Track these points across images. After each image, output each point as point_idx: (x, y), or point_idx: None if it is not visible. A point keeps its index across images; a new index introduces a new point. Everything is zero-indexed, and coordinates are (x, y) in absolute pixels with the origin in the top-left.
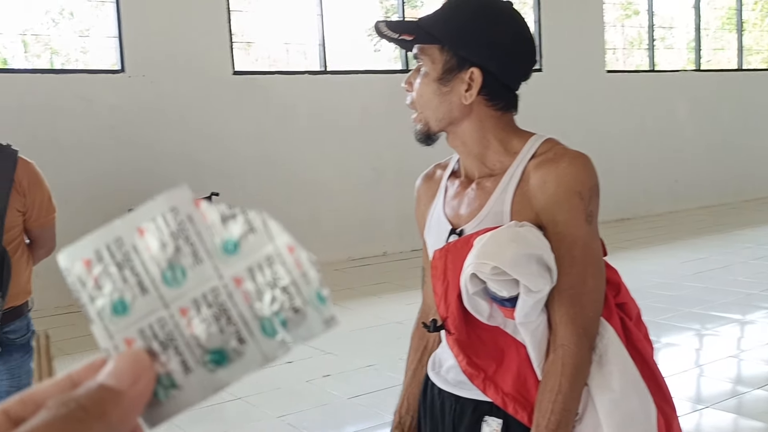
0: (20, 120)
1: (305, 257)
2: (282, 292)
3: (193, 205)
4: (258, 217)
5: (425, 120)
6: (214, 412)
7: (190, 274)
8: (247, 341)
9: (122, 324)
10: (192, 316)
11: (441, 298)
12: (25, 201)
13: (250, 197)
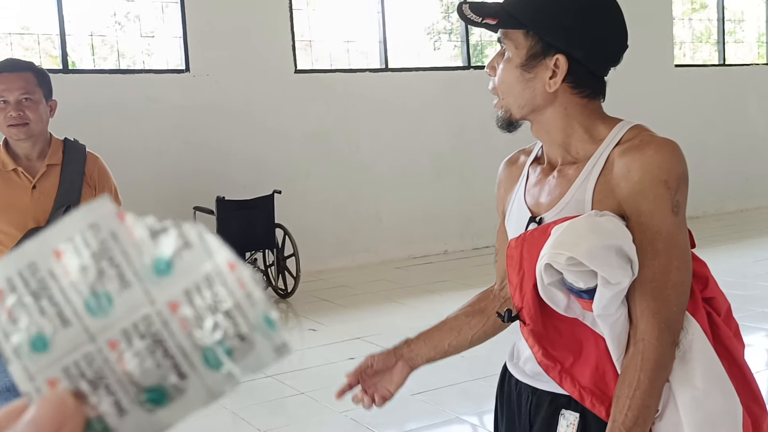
0: (88, 119)
1: (248, 275)
2: (225, 317)
3: (116, 219)
4: (193, 230)
5: (507, 107)
6: (277, 406)
7: (117, 301)
8: (189, 376)
9: (43, 362)
10: (123, 349)
11: (516, 288)
12: (95, 193)
13: (313, 196)
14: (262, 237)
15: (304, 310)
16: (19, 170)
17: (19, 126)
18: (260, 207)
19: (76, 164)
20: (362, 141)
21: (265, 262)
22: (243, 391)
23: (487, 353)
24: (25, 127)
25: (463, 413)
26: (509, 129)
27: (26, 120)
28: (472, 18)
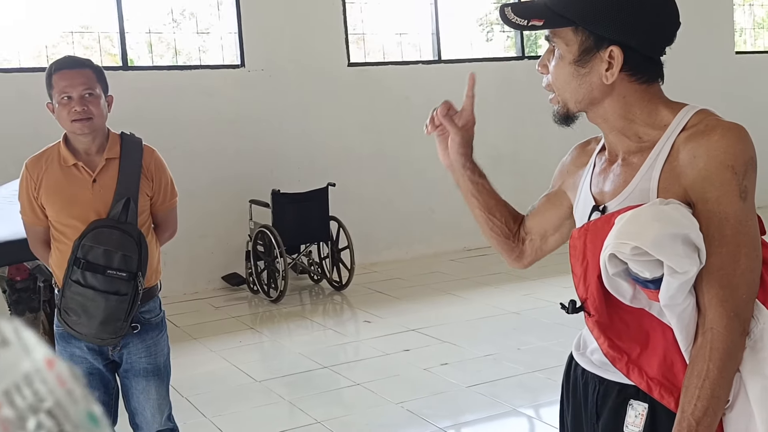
0: (146, 115)
1: (67, 371)
2: (48, 416)
3: None
4: (9, 327)
5: (564, 102)
6: (334, 397)
7: None
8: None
9: None
10: None
11: (580, 279)
12: (152, 185)
13: (367, 188)
14: (316, 229)
15: (359, 302)
16: (79, 165)
17: (83, 121)
18: (315, 200)
19: (133, 157)
20: (415, 132)
21: (319, 254)
22: (299, 382)
23: (546, 346)
24: (89, 122)
25: (520, 405)
26: (566, 123)
27: (90, 115)
28: (517, 21)
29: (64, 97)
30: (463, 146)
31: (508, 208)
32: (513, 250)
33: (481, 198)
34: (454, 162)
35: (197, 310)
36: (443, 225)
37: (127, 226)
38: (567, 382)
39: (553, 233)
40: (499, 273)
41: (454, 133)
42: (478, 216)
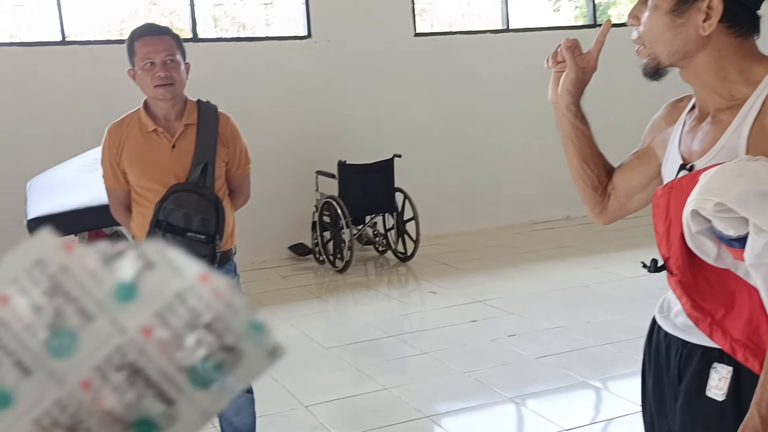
0: (214, 87)
1: (224, 284)
2: (206, 331)
3: (63, 251)
4: (152, 250)
5: (655, 54)
6: (401, 365)
7: (82, 338)
8: (177, 400)
9: (9, 419)
10: (98, 387)
11: (663, 237)
12: (228, 151)
13: (432, 159)
14: (382, 201)
15: (424, 274)
16: (159, 130)
17: (165, 86)
18: (381, 171)
19: (210, 124)
20: (482, 104)
21: (384, 225)
22: (366, 350)
23: (617, 319)
24: (171, 87)
25: (590, 378)
26: (655, 77)
27: (172, 80)
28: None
29: (147, 63)
30: (574, 86)
31: (603, 160)
32: (598, 204)
33: (578, 144)
34: (561, 100)
35: (265, 279)
36: (510, 198)
37: (205, 191)
38: (649, 345)
39: (639, 191)
40: (567, 246)
41: (570, 69)
42: (571, 162)
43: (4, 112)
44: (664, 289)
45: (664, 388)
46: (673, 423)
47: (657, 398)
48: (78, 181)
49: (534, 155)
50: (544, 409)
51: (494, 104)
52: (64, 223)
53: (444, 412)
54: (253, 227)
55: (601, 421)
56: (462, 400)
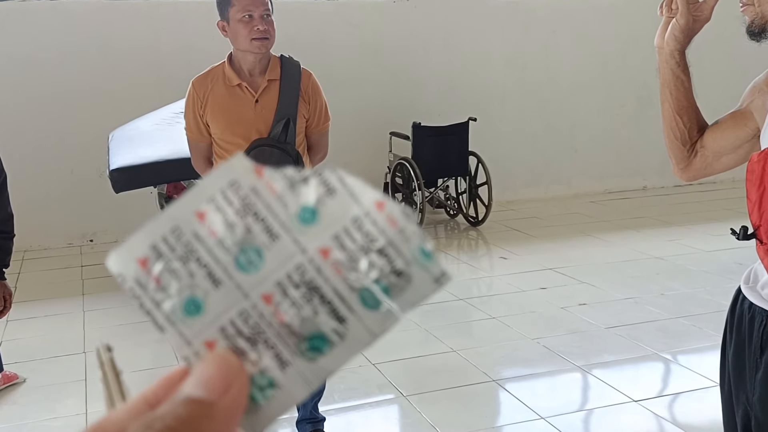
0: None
1: (398, 211)
2: (379, 255)
3: (254, 174)
4: (333, 176)
5: (762, 14)
6: (469, 328)
7: (267, 255)
8: (348, 319)
9: (198, 325)
10: (278, 301)
11: (755, 205)
12: (309, 107)
13: (508, 124)
14: (455, 164)
15: (495, 239)
16: (243, 85)
17: (263, 40)
18: (455, 134)
19: (292, 80)
20: (561, 69)
21: (456, 189)
22: (434, 311)
23: (692, 293)
24: (266, 41)
25: (661, 350)
26: (759, 38)
27: (268, 35)
28: None
29: (245, 15)
30: (683, 33)
31: (698, 115)
32: (684, 159)
33: (675, 94)
34: (666, 46)
35: None
36: (585, 165)
37: (287, 146)
38: (732, 315)
39: (728, 153)
40: (642, 217)
41: (682, 14)
42: (665, 112)
43: (87, 66)
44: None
45: (745, 360)
46: (752, 395)
47: (737, 369)
48: (158, 134)
49: (612, 122)
50: (613, 379)
51: (573, 69)
52: (144, 175)
53: (510, 377)
54: None
55: (670, 395)
56: (529, 367)
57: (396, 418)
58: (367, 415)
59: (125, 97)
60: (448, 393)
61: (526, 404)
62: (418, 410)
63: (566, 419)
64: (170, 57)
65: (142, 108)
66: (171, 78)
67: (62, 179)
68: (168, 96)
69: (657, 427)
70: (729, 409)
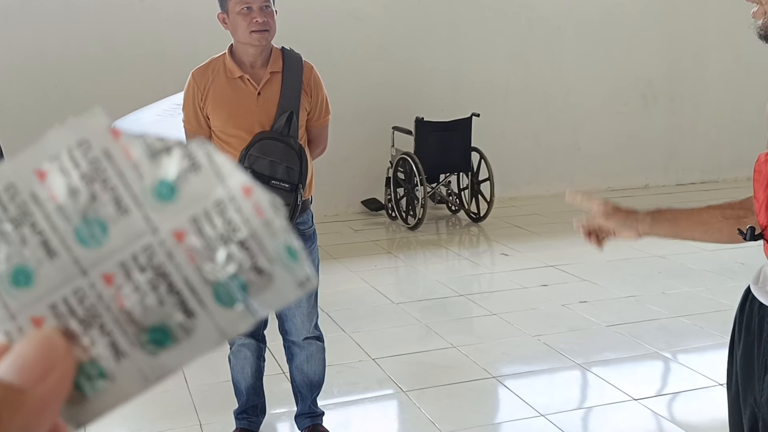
0: (295, 35)
1: (267, 200)
2: (239, 248)
3: (110, 135)
4: (201, 150)
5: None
6: (469, 324)
7: (113, 230)
8: (197, 313)
9: (26, 298)
10: (120, 284)
11: (762, 205)
12: (310, 101)
13: (511, 120)
14: (457, 160)
15: (496, 235)
16: (245, 77)
17: (262, 32)
18: (458, 129)
19: (295, 72)
20: (565, 65)
21: (458, 185)
22: (435, 307)
23: (693, 292)
24: (266, 34)
25: (661, 348)
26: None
27: (268, 27)
28: None
29: (244, 8)
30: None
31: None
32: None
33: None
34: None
35: (337, 232)
36: (588, 163)
37: (290, 140)
38: (741, 315)
39: None
40: None
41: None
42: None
43: (89, 56)
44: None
45: (754, 361)
46: (760, 396)
47: (745, 370)
48: (160, 125)
49: (615, 119)
50: (613, 377)
51: (577, 66)
52: None
53: (510, 374)
54: (326, 180)
55: (670, 393)
56: (530, 363)
57: (395, 413)
58: (366, 410)
59: (127, 87)
60: (448, 389)
61: (526, 401)
62: (417, 406)
63: (566, 417)
64: (173, 47)
65: (145, 99)
66: (174, 69)
67: None
68: (170, 87)
69: (656, 426)
70: (736, 410)
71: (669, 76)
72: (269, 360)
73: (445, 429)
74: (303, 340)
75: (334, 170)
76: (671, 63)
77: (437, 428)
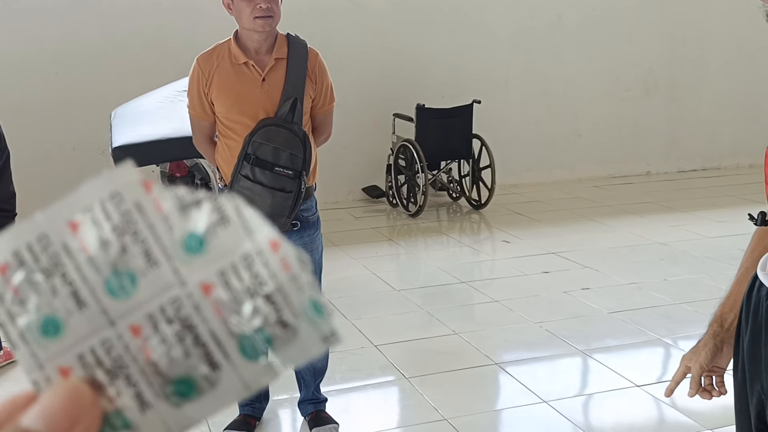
0: (297, 22)
1: (293, 255)
2: (266, 301)
3: (141, 188)
4: (229, 204)
5: None
6: (470, 310)
7: (142, 282)
8: (222, 366)
9: (54, 348)
10: (147, 335)
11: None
12: (315, 88)
13: (512, 107)
14: (458, 147)
15: (497, 222)
16: (249, 63)
17: (266, 18)
18: (459, 116)
19: (300, 59)
20: (566, 52)
21: (459, 172)
22: (436, 294)
23: (695, 278)
24: (270, 20)
25: (663, 335)
26: None
27: (272, 13)
28: None
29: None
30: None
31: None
32: None
33: None
34: None
35: (338, 219)
36: (589, 150)
37: (294, 126)
38: (748, 302)
39: None
40: (645, 202)
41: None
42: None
43: (90, 43)
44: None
45: (761, 347)
46: (767, 382)
47: (752, 357)
48: (161, 111)
49: (616, 107)
50: (615, 363)
51: (578, 53)
52: (147, 153)
53: (512, 361)
54: (327, 167)
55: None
56: (532, 350)
57: (397, 399)
58: (369, 396)
59: (128, 74)
60: (450, 375)
61: (528, 387)
62: (419, 392)
63: (567, 403)
64: (174, 34)
65: (146, 86)
66: (175, 55)
67: (64, 157)
68: (171, 74)
69: (658, 412)
70: (742, 397)
71: (670, 63)
72: None
73: (447, 415)
74: None
75: (334, 157)
76: (672, 50)
77: (439, 414)
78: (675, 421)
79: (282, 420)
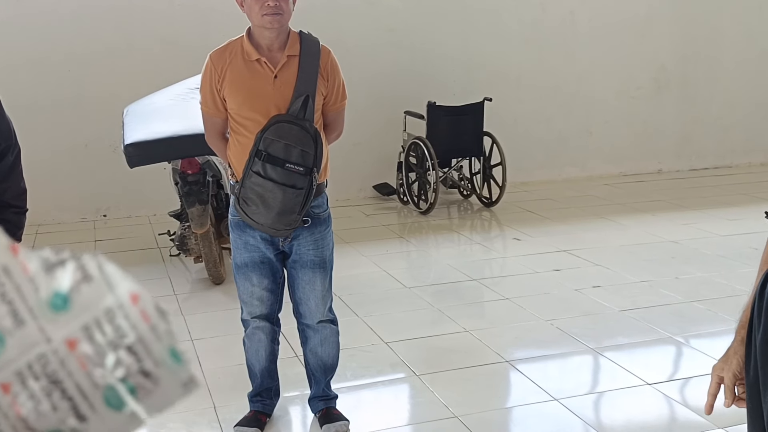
0: (308, 18)
1: (152, 306)
2: (128, 352)
3: (8, 252)
4: (93, 262)
5: None
6: (482, 308)
7: (9, 341)
8: (89, 418)
9: None
10: (17, 392)
11: None
12: (327, 85)
13: (523, 105)
14: (469, 144)
15: (508, 220)
16: (262, 60)
17: (274, 15)
18: (470, 114)
19: (312, 56)
20: (578, 50)
21: (470, 169)
22: (447, 291)
23: (706, 277)
24: (278, 17)
25: (674, 333)
26: None
27: (280, 10)
28: None
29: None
30: None
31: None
32: None
33: None
34: None
35: (349, 216)
36: (600, 148)
37: (305, 123)
38: (761, 300)
39: None
40: (657, 200)
41: None
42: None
43: (101, 40)
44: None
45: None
46: None
47: (764, 355)
48: (173, 109)
49: (628, 105)
50: (626, 361)
51: (590, 50)
52: (159, 150)
53: (523, 358)
54: (338, 164)
55: (683, 378)
56: (542, 348)
57: (408, 396)
58: (379, 394)
59: (141, 71)
60: (461, 373)
61: (539, 385)
62: (430, 389)
63: (578, 401)
64: (187, 32)
65: (158, 83)
66: (187, 53)
67: (76, 154)
68: (184, 71)
69: (669, 411)
70: (755, 396)
71: (682, 60)
72: (283, 343)
73: (458, 412)
74: (317, 324)
75: (345, 154)
76: (684, 47)
77: (450, 412)
78: (686, 420)
79: (292, 417)
